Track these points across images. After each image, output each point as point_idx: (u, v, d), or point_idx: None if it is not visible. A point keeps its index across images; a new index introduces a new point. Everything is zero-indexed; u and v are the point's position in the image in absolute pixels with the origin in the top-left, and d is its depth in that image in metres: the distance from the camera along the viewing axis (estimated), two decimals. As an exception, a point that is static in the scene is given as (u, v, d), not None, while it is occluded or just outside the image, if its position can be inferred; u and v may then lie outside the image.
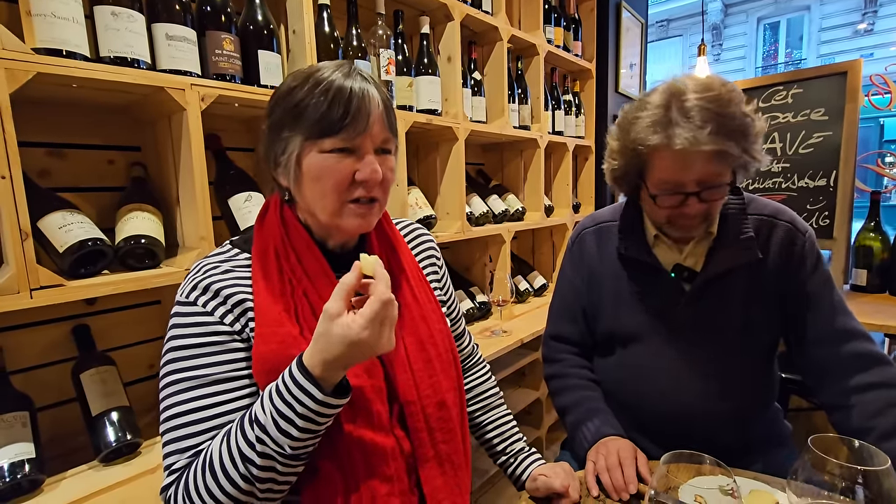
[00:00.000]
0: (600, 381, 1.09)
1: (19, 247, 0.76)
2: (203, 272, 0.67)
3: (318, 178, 0.66)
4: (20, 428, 0.83)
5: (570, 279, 1.14)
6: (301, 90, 0.65)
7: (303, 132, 0.65)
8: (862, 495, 0.55)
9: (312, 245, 0.70)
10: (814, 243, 0.96)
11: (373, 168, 0.66)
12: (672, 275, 0.98)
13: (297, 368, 0.57)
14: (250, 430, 0.57)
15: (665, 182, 0.88)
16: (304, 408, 0.56)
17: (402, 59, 1.50)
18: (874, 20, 10.88)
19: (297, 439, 0.57)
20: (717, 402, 0.95)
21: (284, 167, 0.68)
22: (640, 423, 1.02)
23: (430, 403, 0.72)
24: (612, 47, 2.60)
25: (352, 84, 0.64)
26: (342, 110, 0.63)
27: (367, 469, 0.65)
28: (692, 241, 0.97)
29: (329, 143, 0.65)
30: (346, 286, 0.57)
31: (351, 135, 0.64)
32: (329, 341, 0.56)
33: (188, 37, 0.98)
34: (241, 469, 0.57)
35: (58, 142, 1.02)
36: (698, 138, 0.80)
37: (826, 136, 1.97)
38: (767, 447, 1.00)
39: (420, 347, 0.74)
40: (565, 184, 2.41)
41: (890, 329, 1.51)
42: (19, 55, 0.76)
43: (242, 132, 1.29)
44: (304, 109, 0.64)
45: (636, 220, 1.03)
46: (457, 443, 0.75)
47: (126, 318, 1.12)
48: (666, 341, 0.98)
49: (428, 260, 0.90)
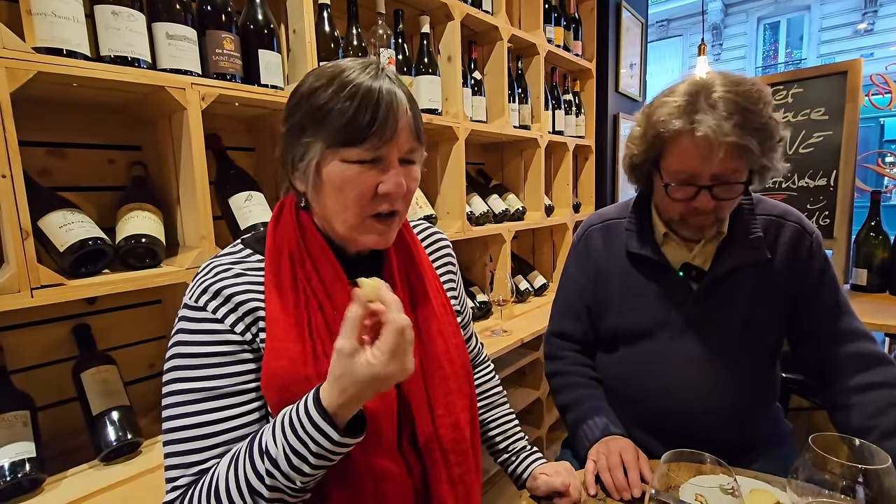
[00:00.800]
0: (604, 378, 1.09)
1: (20, 246, 0.76)
2: (214, 274, 0.63)
3: (340, 188, 0.62)
4: (21, 427, 0.83)
5: (574, 277, 1.13)
6: (325, 92, 0.60)
7: (325, 139, 0.60)
8: (862, 494, 0.55)
9: (328, 251, 0.67)
10: (821, 244, 0.97)
11: (397, 182, 0.62)
12: (680, 273, 0.97)
13: (313, 407, 0.54)
14: (260, 462, 0.55)
15: (680, 172, 0.87)
16: (319, 447, 0.54)
17: (402, 58, 1.50)
18: (874, 20, 10.87)
19: (309, 475, 0.55)
20: (720, 399, 0.95)
21: (303, 173, 0.64)
22: (643, 419, 1.02)
23: (443, 424, 0.69)
24: (612, 47, 2.60)
25: (381, 85, 0.60)
26: (369, 116, 0.59)
27: (375, 494, 0.63)
28: (702, 241, 0.96)
29: (354, 154, 0.60)
30: (354, 321, 0.53)
31: (377, 144, 0.60)
32: (352, 380, 0.53)
33: (189, 36, 0.98)
34: (249, 501, 0.55)
35: (58, 141, 1.02)
36: (722, 127, 0.79)
37: (826, 136, 1.97)
38: (768, 446, 1.00)
39: (437, 365, 0.71)
40: (565, 183, 2.41)
41: (890, 329, 1.51)
42: (20, 54, 0.76)
43: (243, 132, 1.29)
44: (327, 114, 0.60)
45: (645, 217, 1.03)
46: (469, 464, 0.72)
47: (127, 317, 1.12)
48: (672, 339, 0.98)
49: (445, 267, 0.87)
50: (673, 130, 0.85)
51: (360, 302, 0.54)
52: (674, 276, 0.98)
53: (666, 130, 0.86)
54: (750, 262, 0.94)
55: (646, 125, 0.91)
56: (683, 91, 0.85)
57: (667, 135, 0.86)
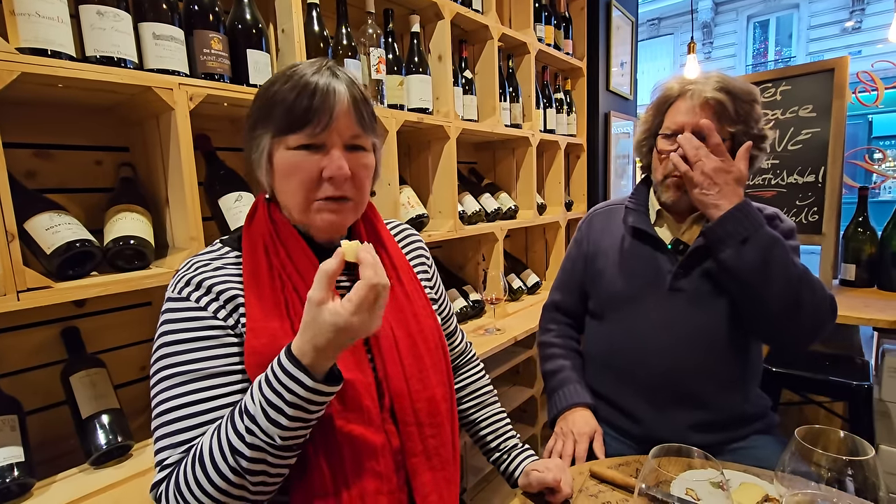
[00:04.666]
0: (596, 347, 1.19)
1: (5, 248, 0.76)
2: (194, 269, 0.67)
3: (287, 175, 0.67)
4: (9, 431, 0.83)
5: (573, 257, 1.27)
6: (274, 87, 0.66)
7: (272, 129, 0.66)
8: (849, 485, 0.56)
9: (300, 240, 0.71)
10: (791, 231, 1.03)
11: (339, 164, 0.66)
12: (669, 247, 1.08)
13: (285, 357, 0.57)
14: (240, 421, 0.57)
15: (668, 127, 1.04)
16: (294, 395, 0.56)
17: (392, 57, 1.50)
18: (862, 18, 10.97)
19: (287, 428, 0.56)
20: (705, 357, 1.02)
21: (259, 164, 0.69)
22: (635, 383, 1.07)
23: (419, 398, 0.72)
24: (602, 45, 2.61)
25: (318, 80, 0.65)
26: (306, 103, 0.64)
27: (356, 466, 0.65)
28: (689, 219, 1.07)
29: (294, 140, 0.65)
30: (326, 272, 0.57)
31: (315, 130, 0.65)
32: (318, 328, 0.55)
33: (175, 36, 0.98)
34: (231, 462, 0.56)
35: (44, 142, 1.01)
36: (705, 90, 0.99)
37: (814, 133, 1.99)
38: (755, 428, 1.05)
39: (411, 342, 0.74)
40: (557, 182, 2.42)
41: (879, 323, 1.53)
42: (3, 55, 0.75)
43: (232, 132, 1.29)
44: (273, 106, 0.65)
45: (645, 196, 1.16)
46: (445, 437, 0.75)
47: (116, 319, 1.11)
48: (661, 303, 1.06)
49: (418, 259, 0.90)
50: (672, 94, 1.05)
51: (337, 257, 0.58)
52: (664, 249, 1.08)
53: (665, 95, 1.06)
54: None
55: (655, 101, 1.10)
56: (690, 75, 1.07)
57: (664, 99, 1.07)
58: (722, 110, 0.98)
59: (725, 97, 0.98)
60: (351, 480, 0.64)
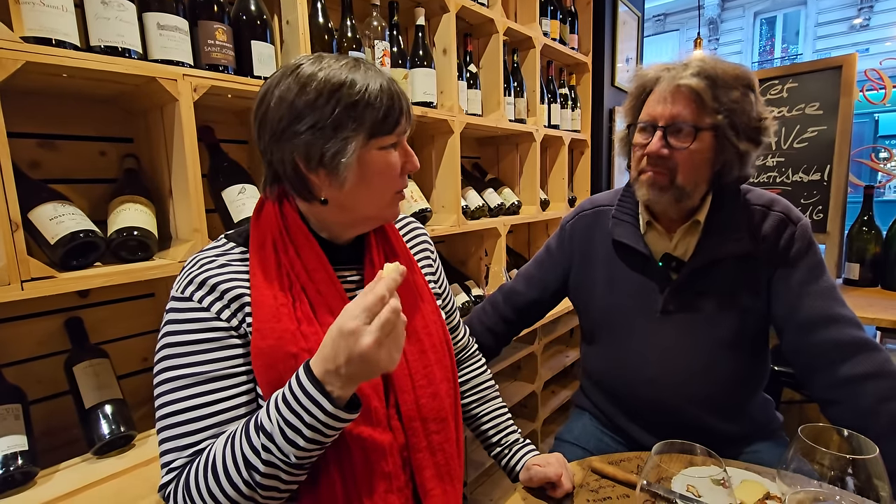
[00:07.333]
0: (591, 371, 1.11)
1: (10, 238, 0.76)
2: (199, 266, 0.67)
3: (381, 171, 0.69)
4: (13, 420, 0.83)
5: (550, 251, 1.19)
6: (350, 89, 0.64)
7: (364, 131, 0.66)
8: (851, 484, 0.56)
9: (311, 238, 0.71)
10: (806, 231, 0.94)
11: (416, 158, 0.73)
12: (660, 264, 0.98)
13: (306, 378, 0.56)
14: (255, 437, 0.56)
15: (643, 120, 0.94)
16: (313, 417, 0.55)
17: (396, 51, 1.49)
18: (870, 15, 10.88)
19: (304, 449, 0.56)
20: (702, 388, 0.96)
21: (335, 167, 0.65)
22: (630, 410, 1.03)
23: (424, 394, 0.72)
24: (608, 41, 2.59)
25: (381, 83, 0.67)
26: (396, 108, 0.67)
27: (366, 467, 0.65)
28: (681, 229, 0.97)
29: (388, 140, 0.68)
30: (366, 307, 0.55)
31: (400, 130, 0.70)
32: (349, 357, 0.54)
33: (180, 26, 0.97)
34: (245, 475, 0.56)
35: (49, 133, 1.01)
36: (678, 74, 0.90)
37: (821, 131, 1.98)
38: (758, 437, 1.01)
39: (415, 338, 0.74)
40: (561, 177, 2.41)
41: (882, 322, 1.52)
42: (7, 43, 0.75)
43: (236, 124, 1.28)
44: (365, 108, 0.65)
45: (632, 204, 1.04)
46: (449, 433, 0.75)
47: (119, 310, 1.12)
48: (653, 329, 0.98)
49: (422, 253, 0.90)
50: (649, 80, 0.95)
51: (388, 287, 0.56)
52: (654, 266, 0.99)
53: (644, 83, 0.96)
54: (731, 253, 0.93)
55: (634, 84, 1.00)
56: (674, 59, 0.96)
57: (643, 88, 0.97)
58: (697, 98, 0.88)
59: (702, 83, 0.87)
60: (361, 481, 0.64)
